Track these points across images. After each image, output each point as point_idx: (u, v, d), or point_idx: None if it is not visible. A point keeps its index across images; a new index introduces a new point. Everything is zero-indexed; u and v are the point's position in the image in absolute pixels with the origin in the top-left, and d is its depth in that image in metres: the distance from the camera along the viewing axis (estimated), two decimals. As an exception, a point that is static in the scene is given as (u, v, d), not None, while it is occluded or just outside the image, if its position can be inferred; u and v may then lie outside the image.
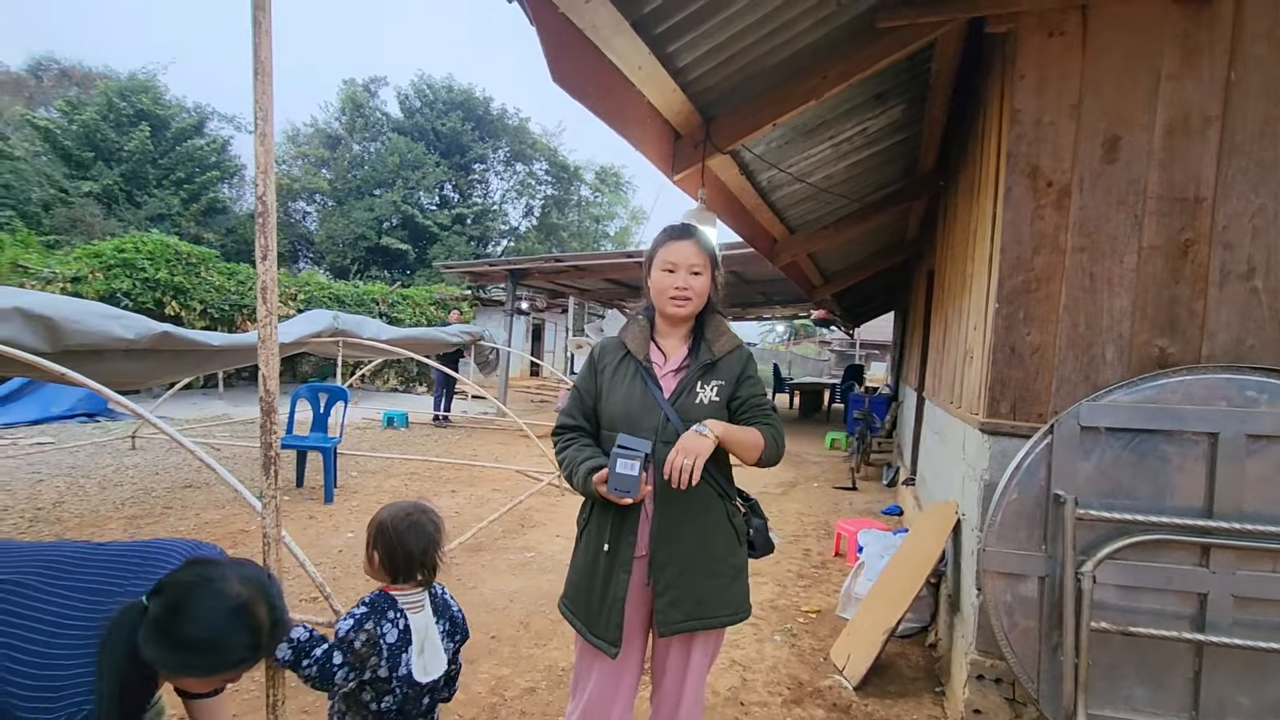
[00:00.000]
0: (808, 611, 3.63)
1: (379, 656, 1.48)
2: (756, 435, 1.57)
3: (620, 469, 1.40)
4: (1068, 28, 2.32)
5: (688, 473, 1.40)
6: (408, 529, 1.56)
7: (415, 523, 1.57)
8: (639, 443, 1.43)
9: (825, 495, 6.69)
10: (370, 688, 1.52)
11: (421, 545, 1.56)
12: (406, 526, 1.56)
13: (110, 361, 4.05)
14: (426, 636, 1.58)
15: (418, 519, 1.58)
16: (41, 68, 26.24)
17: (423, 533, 1.57)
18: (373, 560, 1.58)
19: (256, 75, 1.47)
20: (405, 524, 1.56)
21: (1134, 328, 2.28)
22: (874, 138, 4.32)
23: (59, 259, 10.39)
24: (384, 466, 6.91)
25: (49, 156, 19.42)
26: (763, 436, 1.57)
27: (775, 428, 1.61)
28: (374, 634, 1.48)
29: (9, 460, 6.15)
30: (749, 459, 1.58)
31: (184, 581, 1.15)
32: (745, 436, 1.56)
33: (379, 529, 1.57)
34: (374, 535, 1.58)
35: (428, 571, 1.59)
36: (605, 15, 2.14)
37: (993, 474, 2.38)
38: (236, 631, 1.14)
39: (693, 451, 1.42)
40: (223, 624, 1.13)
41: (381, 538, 1.56)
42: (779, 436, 1.61)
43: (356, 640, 1.46)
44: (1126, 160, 2.27)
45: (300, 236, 25.98)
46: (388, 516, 1.58)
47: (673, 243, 1.64)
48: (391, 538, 1.55)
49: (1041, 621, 2.19)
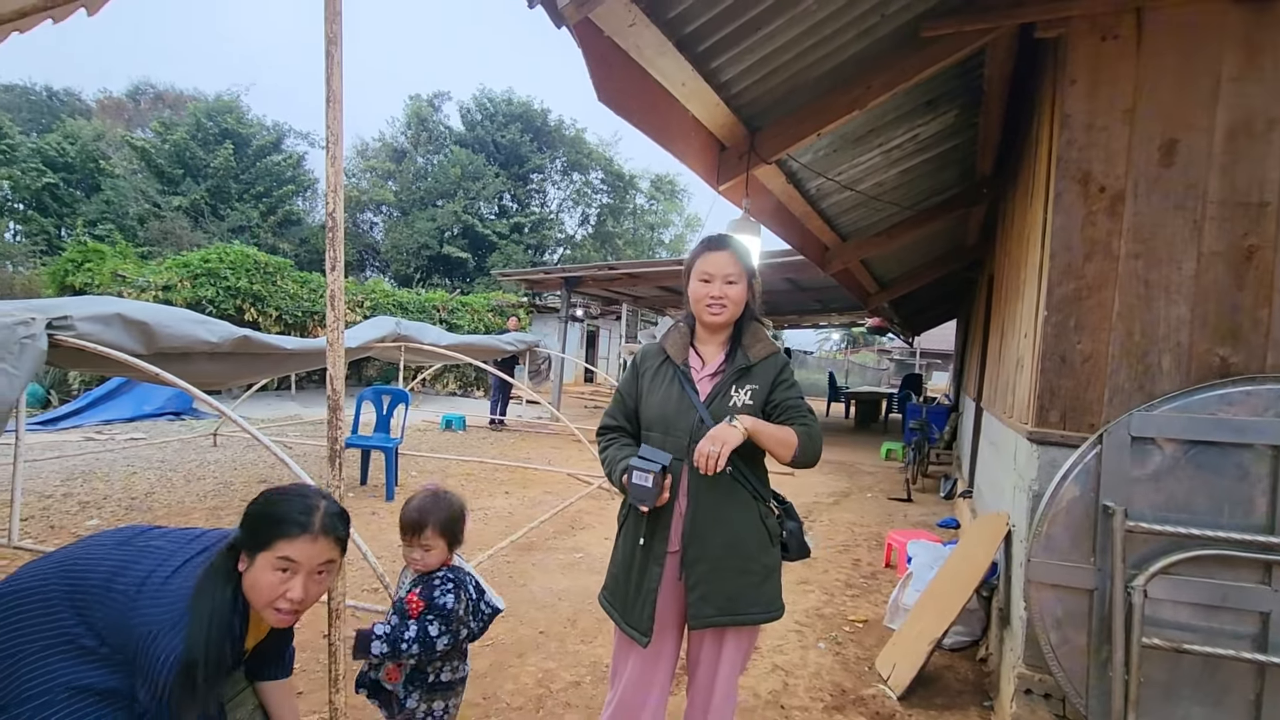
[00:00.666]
0: (855, 621, 3.60)
1: (470, 615, 1.77)
2: (789, 433, 1.61)
3: (636, 479, 1.50)
4: (1121, 31, 2.28)
5: (713, 459, 1.46)
6: (448, 502, 1.86)
7: (445, 496, 1.88)
8: (658, 455, 1.52)
9: (879, 506, 6.57)
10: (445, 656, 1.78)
11: (462, 512, 1.90)
12: (445, 499, 1.86)
13: (196, 363, 4.40)
14: (478, 577, 1.91)
15: (444, 494, 1.89)
16: (140, 92, 28.42)
17: (457, 502, 1.91)
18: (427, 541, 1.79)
19: (329, 103, 1.62)
20: (444, 500, 1.86)
21: (1193, 336, 2.21)
22: (926, 144, 4.27)
23: (152, 268, 11.21)
24: (442, 467, 7.18)
25: (144, 174, 21.02)
26: (796, 435, 1.61)
27: (810, 428, 1.65)
28: (467, 600, 1.76)
29: (107, 453, 6.69)
30: (782, 456, 1.62)
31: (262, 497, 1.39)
32: (777, 433, 1.60)
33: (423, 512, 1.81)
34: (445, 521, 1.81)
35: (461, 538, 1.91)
36: (649, 37, 2.23)
37: (1041, 484, 2.34)
38: (294, 498, 1.37)
39: (719, 439, 1.49)
40: (285, 499, 1.37)
41: (451, 520, 1.83)
42: (814, 437, 1.64)
43: (460, 608, 1.73)
44: (1184, 164, 2.21)
45: (367, 246, 27.16)
46: (426, 500, 1.85)
47: (709, 254, 1.71)
48: (457, 515, 1.84)
49: (1091, 636, 2.14)
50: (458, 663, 1.85)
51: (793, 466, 1.65)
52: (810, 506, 6.37)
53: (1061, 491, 2.17)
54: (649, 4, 2.20)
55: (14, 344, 2.94)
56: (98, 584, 1.26)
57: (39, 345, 3.02)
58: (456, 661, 1.84)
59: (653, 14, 2.22)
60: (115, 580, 1.27)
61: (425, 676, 1.76)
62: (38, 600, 1.26)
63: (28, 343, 2.98)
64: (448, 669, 1.81)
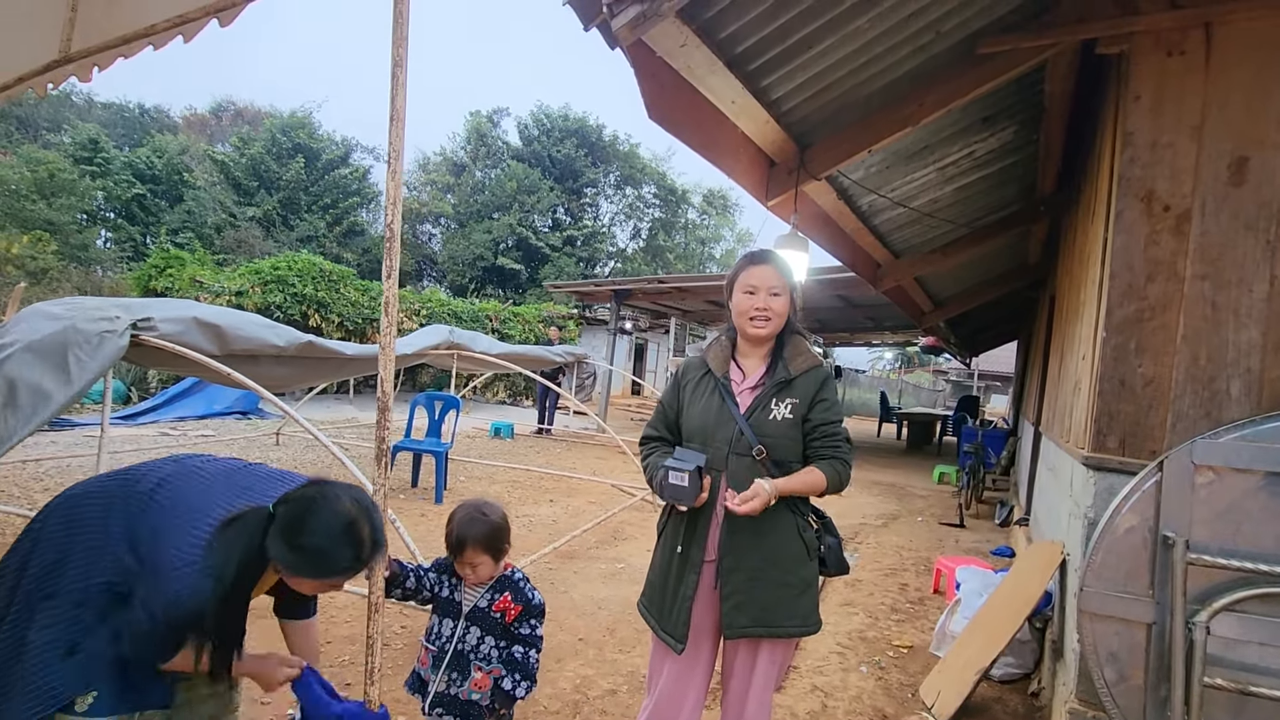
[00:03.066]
0: (899, 646, 3.52)
1: None
2: (817, 476, 1.66)
3: (672, 479, 1.54)
4: (1189, 47, 2.21)
5: (744, 504, 1.54)
6: (497, 515, 1.85)
7: (489, 509, 1.86)
8: (692, 455, 1.56)
9: (929, 530, 6.38)
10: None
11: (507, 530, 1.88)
12: (493, 512, 1.85)
13: (263, 366, 4.64)
14: None
15: (487, 507, 1.87)
16: (222, 109, 30.24)
17: (500, 512, 1.90)
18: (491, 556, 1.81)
19: (392, 121, 1.72)
20: (492, 512, 1.85)
21: (1264, 362, 2.11)
22: (983, 161, 4.19)
23: (226, 275, 11.87)
24: (489, 473, 7.33)
25: (222, 185, 22.32)
26: (824, 476, 1.66)
27: (840, 459, 1.69)
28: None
29: (180, 448, 7.10)
30: (814, 494, 1.69)
31: (305, 496, 1.38)
32: (804, 483, 1.65)
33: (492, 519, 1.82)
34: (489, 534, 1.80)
35: None
36: (700, 57, 2.28)
37: (1097, 511, 2.26)
38: (343, 546, 1.35)
39: (752, 497, 1.56)
40: (333, 537, 1.34)
41: (496, 533, 1.82)
42: (843, 470, 1.69)
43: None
44: (1256, 183, 2.13)
45: (425, 256, 28.05)
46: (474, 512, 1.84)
47: (753, 267, 1.74)
48: (503, 527, 1.84)
49: (1148, 673, 2.05)
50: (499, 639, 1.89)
51: (822, 497, 1.71)
52: (857, 528, 6.24)
53: (1118, 520, 2.09)
54: (701, 25, 2.25)
55: (94, 336, 3.16)
56: (144, 493, 1.38)
57: (119, 342, 3.23)
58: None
59: (704, 35, 2.27)
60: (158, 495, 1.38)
61: (467, 661, 1.75)
62: (97, 499, 1.39)
63: (107, 337, 3.19)
64: (490, 641, 1.81)
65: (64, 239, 15.78)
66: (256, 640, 1.74)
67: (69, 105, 25.77)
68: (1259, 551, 1.94)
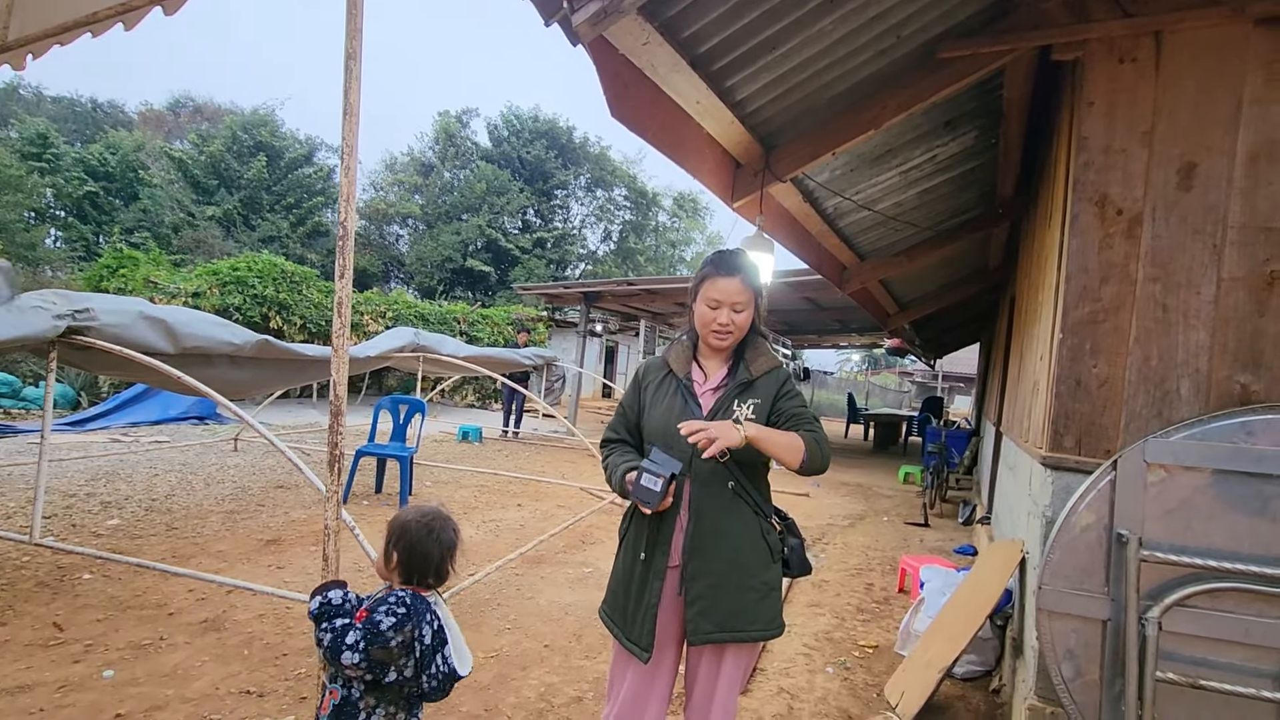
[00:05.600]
0: (865, 646, 3.54)
1: (408, 657, 1.49)
2: (795, 438, 1.59)
3: (644, 481, 1.49)
4: (1140, 54, 2.26)
5: (704, 440, 1.45)
6: (427, 535, 1.57)
7: (436, 529, 1.59)
8: (670, 462, 1.51)
9: (895, 530, 6.46)
10: (379, 693, 1.52)
11: (438, 554, 1.57)
12: (427, 533, 1.57)
13: (219, 369, 4.49)
14: (449, 627, 1.59)
15: (437, 526, 1.60)
16: (180, 105, 29.39)
17: (442, 540, 1.58)
18: (390, 560, 1.57)
19: (345, 115, 1.67)
20: (425, 530, 1.57)
21: (1212, 362, 2.16)
22: (945, 165, 4.25)
23: (182, 276, 11.50)
24: (456, 478, 7.21)
25: (180, 184, 21.67)
26: (804, 440, 1.59)
27: (817, 434, 1.63)
28: (409, 637, 1.48)
29: (131, 455, 6.84)
30: (791, 462, 1.59)
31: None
32: (783, 439, 1.58)
33: (402, 530, 1.58)
34: (395, 536, 1.58)
35: (441, 578, 1.60)
36: (662, 55, 2.26)
37: (1054, 510, 2.29)
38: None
39: (717, 433, 1.47)
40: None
41: (403, 540, 1.57)
42: (822, 442, 1.62)
43: (393, 640, 1.45)
44: (1204, 188, 2.18)
45: (393, 258, 27.62)
46: (410, 520, 1.59)
47: (719, 279, 1.67)
48: (412, 541, 1.56)
49: (1103, 668, 2.08)
50: (397, 711, 1.55)
51: (802, 473, 1.62)
52: (825, 529, 6.29)
53: (1074, 518, 2.12)
54: (664, 23, 2.24)
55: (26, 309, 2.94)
56: None
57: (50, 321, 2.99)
58: (394, 709, 1.55)
59: (667, 33, 2.25)
60: None
61: (356, 714, 1.52)
62: None
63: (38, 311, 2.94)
64: (382, 712, 1.53)
65: (9, 237, 15.17)
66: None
67: (15, 99, 24.79)
68: (1208, 548, 1.99)
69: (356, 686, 1.51)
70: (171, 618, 3.12)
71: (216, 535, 4.41)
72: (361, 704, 1.51)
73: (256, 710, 2.41)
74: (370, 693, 1.51)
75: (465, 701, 2.62)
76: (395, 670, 1.49)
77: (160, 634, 2.94)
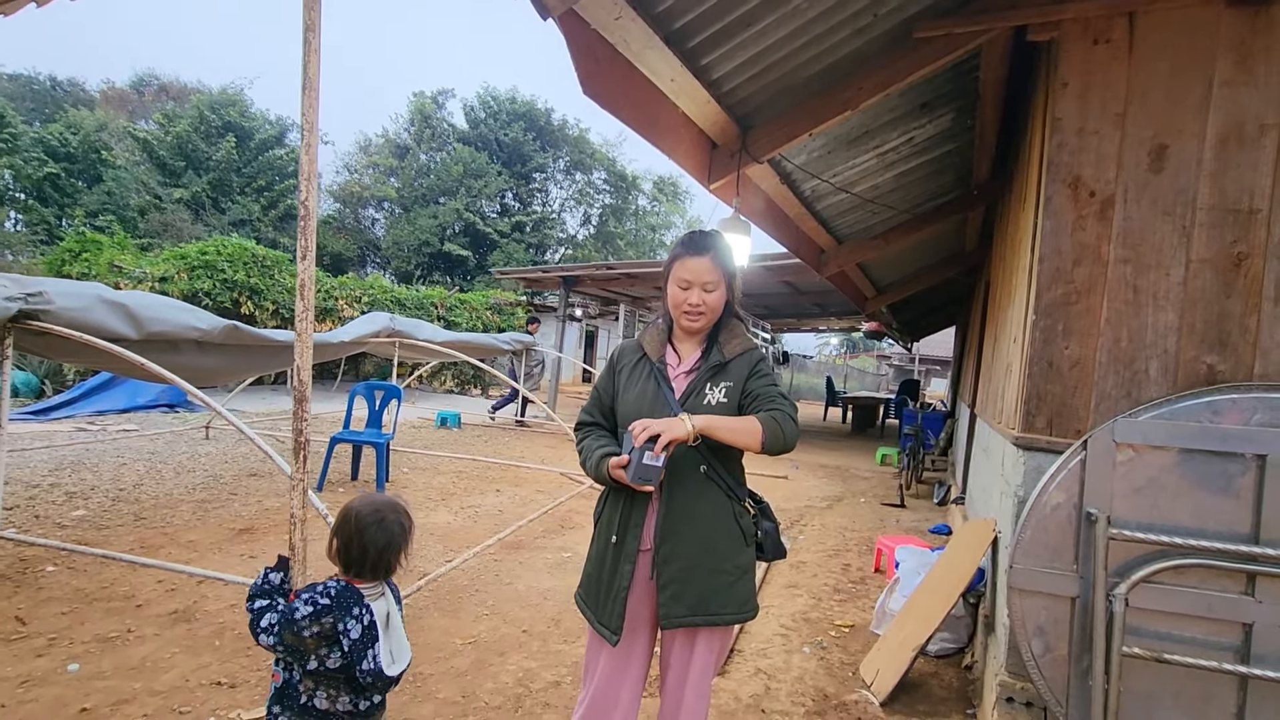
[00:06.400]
0: (841, 626, 3.58)
1: (331, 649, 1.45)
2: (750, 420, 1.57)
3: (647, 460, 1.47)
4: (1113, 35, 2.26)
5: (645, 433, 1.46)
6: (372, 525, 1.51)
7: (382, 520, 1.53)
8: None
9: (871, 511, 6.55)
10: (315, 677, 1.49)
11: (380, 545, 1.51)
12: (372, 522, 1.51)
13: (186, 355, 4.37)
14: (390, 624, 1.54)
15: (385, 516, 1.54)
16: (144, 83, 28.42)
17: (386, 531, 1.52)
18: (331, 546, 1.53)
19: (304, 90, 1.60)
20: (372, 519, 1.52)
21: (1180, 343, 2.19)
22: (922, 147, 4.25)
23: (149, 260, 11.19)
24: (434, 464, 7.16)
25: (146, 165, 21.02)
26: (760, 421, 1.57)
27: (782, 412, 1.60)
28: (329, 629, 1.43)
29: (98, 444, 6.67)
30: (751, 445, 1.57)
31: None
32: (734, 424, 1.56)
33: (344, 518, 1.53)
34: (339, 523, 1.53)
35: (381, 572, 1.54)
36: (635, 30, 2.21)
37: (1026, 490, 2.32)
38: None
39: (663, 424, 1.48)
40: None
41: (344, 528, 1.51)
42: (783, 419, 1.58)
43: (307, 630, 1.42)
44: (1174, 170, 2.19)
45: (368, 242, 27.15)
46: (357, 508, 1.54)
47: (689, 259, 1.65)
48: (353, 530, 1.50)
49: (1072, 644, 2.11)
50: (339, 695, 1.51)
51: (768, 453, 1.60)
52: (803, 510, 6.35)
53: (1045, 497, 2.15)
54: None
55: None
56: None
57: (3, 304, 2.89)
58: (334, 692, 1.50)
59: (639, 7, 2.20)
60: None
61: (297, 696, 1.49)
62: None
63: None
64: (323, 695, 1.49)
65: (-35, 221, 14.62)
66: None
67: (-31, 77, 23.85)
68: (1174, 525, 2.02)
69: (296, 670, 1.50)
70: (140, 609, 3.05)
71: (187, 525, 4.33)
72: (301, 687, 1.50)
73: (228, 701, 2.37)
74: (307, 677, 1.50)
75: (443, 689, 2.60)
76: (315, 659, 1.47)
77: (128, 626, 2.88)
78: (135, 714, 2.26)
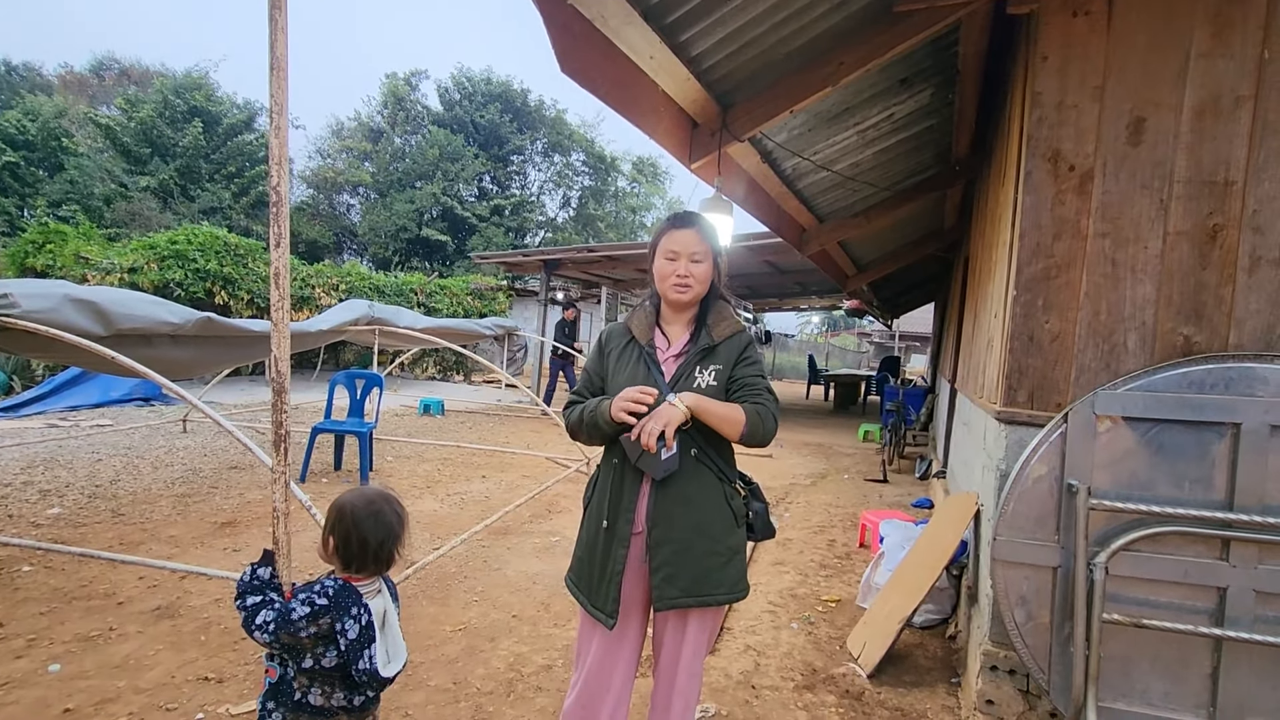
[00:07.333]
0: (827, 601, 3.63)
1: (328, 648, 1.44)
2: (736, 410, 1.59)
3: (664, 455, 1.54)
4: (1092, 7, 2.25)
5: (653, 436, 1.49)
6: (368, 518, 1.49)
7: (377, 512, 1.51)
8: None
9: (855, 487, 6.63)
10: (310, 675, 1.47)
11: (380, 537, 1.49)
12: (367, 515, 1.49)
13: (160, 348, 4.27)
14: (386, 623, 1.52)
15: (380, 508, 1.52)
16: (104, 67, 27.47)
17: (383, 523, 1.50)
18: (327, 545, 1.50)
19: (272, 70, 1.54)
20: (366, 512, 1.49)
21: (1158, 315, 2.22)
22: (902, 124, 4.24)
23: (117, 250, 10.90)
24: (418, 452, 7.11)
25: (110, 153, 20.37)
26: (744, 412, 1.59)
27: (765, 407, 1.62)
28: (327, 629, 1.42)
29: (71, 440, 6.53)
30: (730, 434, 1.60)
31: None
32: (722, 410, 1.58)
33: (339, 514, 1.50)
34: (333, 520, 1.50)
35: (383, 564, 1.53)
36: (613, 5, 2.16)
37: (1008, 463, 2.35)
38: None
39: (661, 418, 1.50)
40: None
41: (340, 524, 1.49)
42: (765, 415, 1.61)
43: (304, 631, 1.40)
44: (1152, 143, 2.20)
45: (344, 229, 26.67)
46: (349, 502, 1.51)
47: (675, 231, 1.68)
48: (350, 525, 1.48)
49: (1054, 612, 2.16)
50: (334, 690, 1.49)
51: (743, 445, 1.62)
52: (787, 488, 6.41)
53: (1027, 470, 2.18)
54: (614, -27, 2.13)
55: None
56: None
57: None
58: (329, 688, 1.48)
59: (618, -17, 2.15)
60: None
61: (291, 692, 1.47)
62: None
63: None
64: (318, 691, 1.48)
65: (-79, 213, 14.11)
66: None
67: (-83, 61, 22.88)
68: (1152, 495, 2.07)
69: (290, 666, 1.48)
70: (121, 607, 3.01)
71: (167, 520, 4.26)
72: (295, 683, 1.48)
73: (215, 696, 2.35)
74: (302, 674, 1.48)
75: (434, 676, 2.60)
76: (311, 658, 1.45)
77: (109, 624, 2.83)
78: (120, 713, 2.23)
